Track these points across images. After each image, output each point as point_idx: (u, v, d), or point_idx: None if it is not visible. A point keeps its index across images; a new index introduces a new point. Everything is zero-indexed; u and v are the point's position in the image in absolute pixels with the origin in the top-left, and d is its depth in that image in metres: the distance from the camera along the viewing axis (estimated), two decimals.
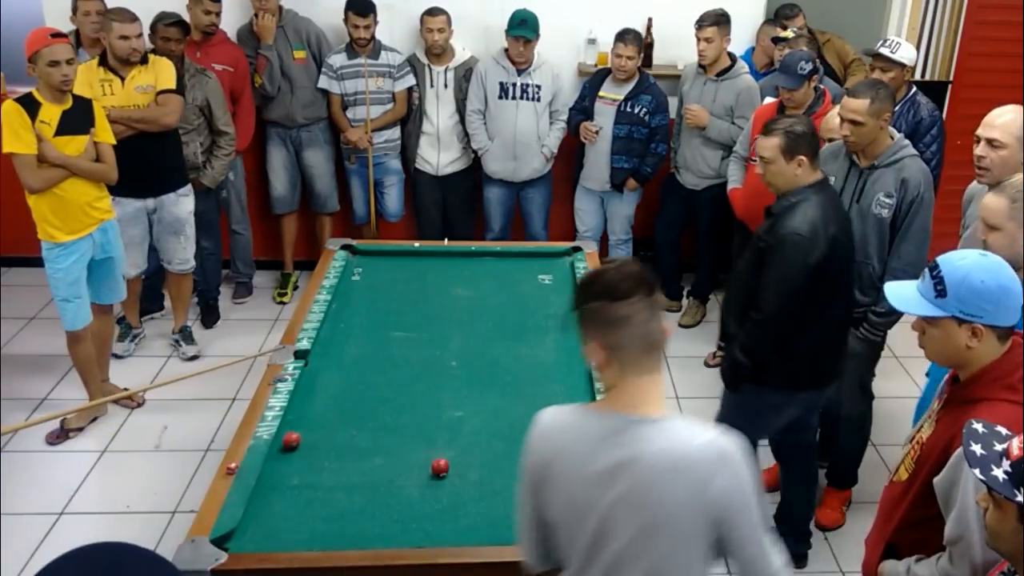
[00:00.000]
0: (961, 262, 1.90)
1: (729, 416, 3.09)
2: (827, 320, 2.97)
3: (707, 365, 4.62)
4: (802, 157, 2.87)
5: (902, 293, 2.00)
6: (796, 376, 3.01)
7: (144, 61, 4.10)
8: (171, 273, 4.53)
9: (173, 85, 4.16)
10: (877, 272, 3.24)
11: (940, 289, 1.89)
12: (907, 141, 3.30)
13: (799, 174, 2.89)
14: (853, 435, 3.57)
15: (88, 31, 4.43)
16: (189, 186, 4.40)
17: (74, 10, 4.48)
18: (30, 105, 3.56)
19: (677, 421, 1.70)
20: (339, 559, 2.18)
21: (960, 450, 1.79)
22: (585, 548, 1.71)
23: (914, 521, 2.02)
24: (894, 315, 3.19)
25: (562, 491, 1.71)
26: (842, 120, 3.18)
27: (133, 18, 4.01)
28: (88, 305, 3.87)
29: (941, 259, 1.93)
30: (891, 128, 3.28)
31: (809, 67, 3.97)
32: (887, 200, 3.19)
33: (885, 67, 3.94)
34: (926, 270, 1.94)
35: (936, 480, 1.90)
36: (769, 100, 4.41)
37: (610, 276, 1.69)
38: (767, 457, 3.48)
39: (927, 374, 2.96)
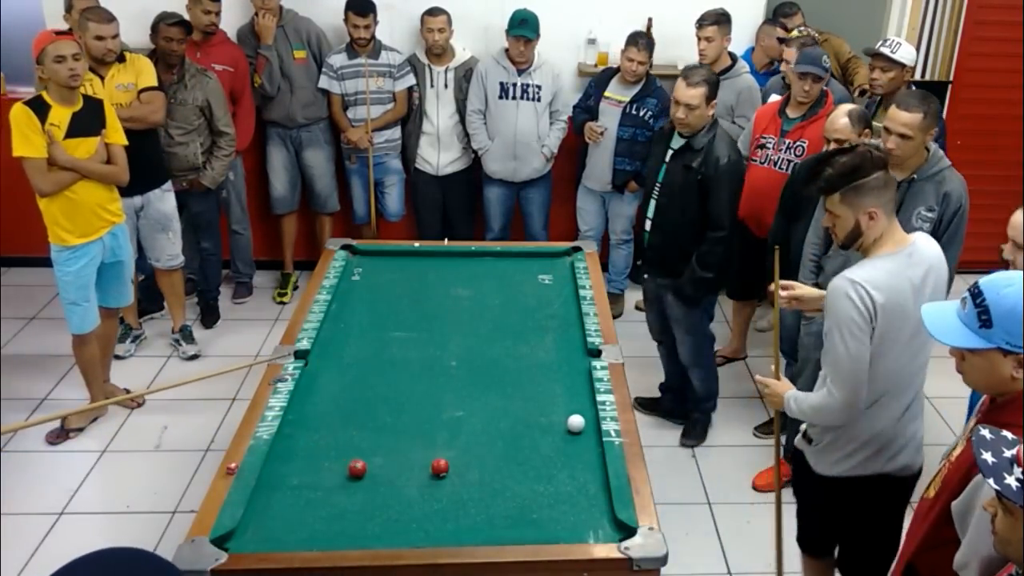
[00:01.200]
0: (1007, 289, 1.77)
1: (694, 328, 3.85)
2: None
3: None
4: (715, 100, 3.54)
5: (942, 322, 1.87)
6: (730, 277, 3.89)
7: (121, 59, 4.10)
8: (161, 270, 4.52)
9: (155, 82, 4.17)
10: None
11: (985, 319, 1.78)
12: (942, 152, 3.23)
13: (710, 114, 3.54)
14: None
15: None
16: (170, 182, 4.40)
17: (68, 8, 4.45)
18: (39, 108, 3.54)
19: (916, 232, 2.55)
20: (339, 559, 2.18)
21: (979, 476, 1.75)
22: (913, 343, 2.39)
23: (933, 542, 1.96)
24: None
25: (907, 317, 2.33)
26: (888, 132, 3.10)
27: (110, 18, 3.99)
28: (96, 309, 3.85)
29: (984, 285, 1.80)
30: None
31: (828, 63, 4.01)
32: (928, 214, 3.14)
33: (885, 67, 3.94)
34: (968, 296, 1.83)
35: (954, 504, 1.86)
36: (775, 98, 4.40)
37: (869, 155, 2.35)
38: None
39: None
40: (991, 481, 1.50)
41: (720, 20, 4.53)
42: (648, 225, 3.79)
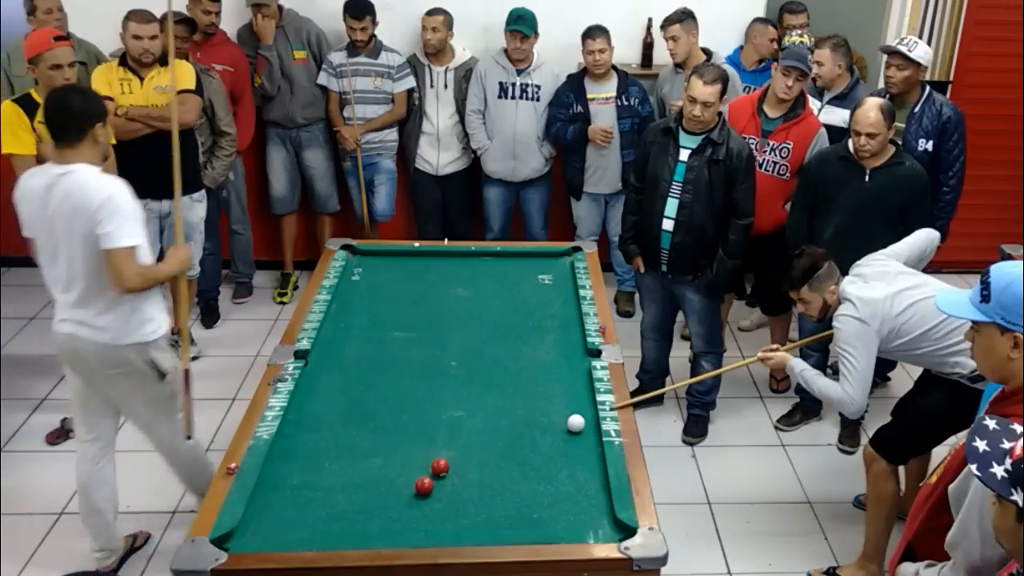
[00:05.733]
0: (1012, 269, 1.89)
1: (712, 317, 3.93)
2: None
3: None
4: (726, 96, 3.70)
5: (952, 298, 2.01)
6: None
7: (164, 63, 4.08)
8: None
9: (192, 85, 4.17)
10: None
11: (986, 294, 1.88)
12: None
13: (722, 110, 3.73)
14: None
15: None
16: (203, 192, 4.38)
17: (32, 11, 4.35)
18: (28, 106, 3.54)
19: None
20: (339, 559, 2.19)
21: None
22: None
23: (931, 526, 2.00)
24: None
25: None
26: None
27: (149, 19, 4.02)
28: None
29: (994, 266, 1.93)
30: None
31: (813, 65, 4.05)
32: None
33: (902, 65, 3.93)
34: (980, 276, 1.94)
35: (951, 487, 1.89)
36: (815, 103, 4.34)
37: (821, 250, 3.15)
38: None
39: None
40: (974, 468, 1.53)
41: (683, 18, 4.53)
42: (669, 225, 3.72)
